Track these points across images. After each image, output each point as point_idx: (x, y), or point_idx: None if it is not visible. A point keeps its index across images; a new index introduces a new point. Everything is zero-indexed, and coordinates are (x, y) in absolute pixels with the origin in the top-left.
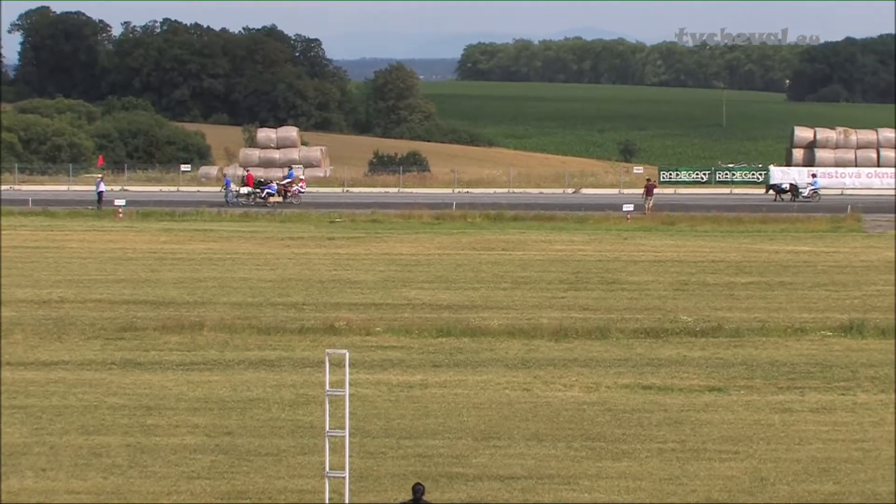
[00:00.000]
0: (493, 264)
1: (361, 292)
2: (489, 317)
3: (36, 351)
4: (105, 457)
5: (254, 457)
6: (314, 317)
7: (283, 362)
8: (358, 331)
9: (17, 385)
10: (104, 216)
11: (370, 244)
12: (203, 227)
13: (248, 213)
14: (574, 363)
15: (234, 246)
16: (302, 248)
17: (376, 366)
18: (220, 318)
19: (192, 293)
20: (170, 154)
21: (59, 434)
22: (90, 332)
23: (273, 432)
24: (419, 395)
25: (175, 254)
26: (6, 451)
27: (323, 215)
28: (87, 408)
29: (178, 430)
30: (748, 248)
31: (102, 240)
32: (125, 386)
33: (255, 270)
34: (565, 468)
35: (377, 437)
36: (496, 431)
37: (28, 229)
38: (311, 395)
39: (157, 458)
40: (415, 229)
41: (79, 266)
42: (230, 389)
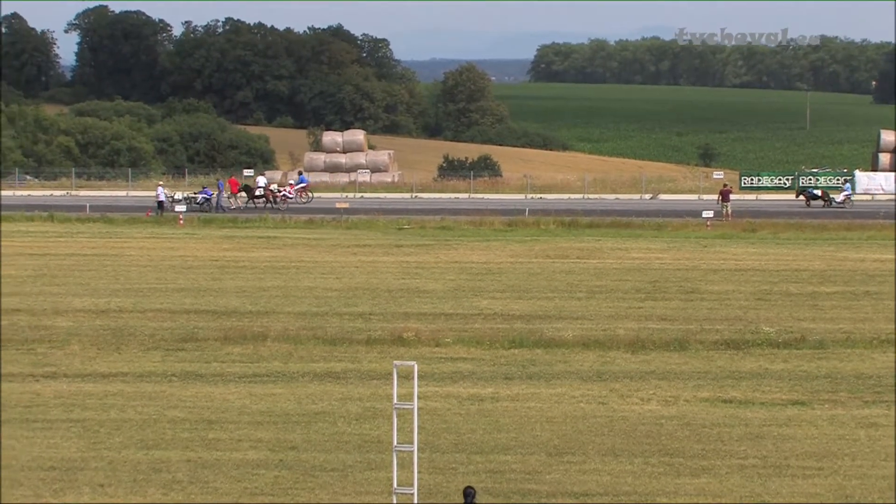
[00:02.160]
0: (568, 273)
1: (431, 302)
2: (563, 327)
3: (94, 362)
4: (165, 472)
5: (319, 472)
6: (381, 327)
7: (350, 374)
8: (427, 342)
9: (75, 398)
10: (164, 223)
11: (440, 252)
12: (267, 234)
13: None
14: (651, 376)
15: (299, 254)
16: (369, 256)
17: (446, 378)
18: (284, 329)
19: (255, 303)
20: (232, 158)
21: (118, 448)
22: (150, 343)
23: (339, 447)
24: (490, 408)
25: (237, 262)
26: (64, 466)
27: (391, 222)
28: (147, 421)
29: (240, 444)
30: (832, 256)
31: (162, 247)
32: (186, 399)
33: (320, 279)
34: (642, 485)
35: (447, 453)
36: (570, 446)
37: (85, 236)
38: (378, 409)
39: (219, 473)
40: (486, 236)
41: (138, 274)
42: (294, 402)
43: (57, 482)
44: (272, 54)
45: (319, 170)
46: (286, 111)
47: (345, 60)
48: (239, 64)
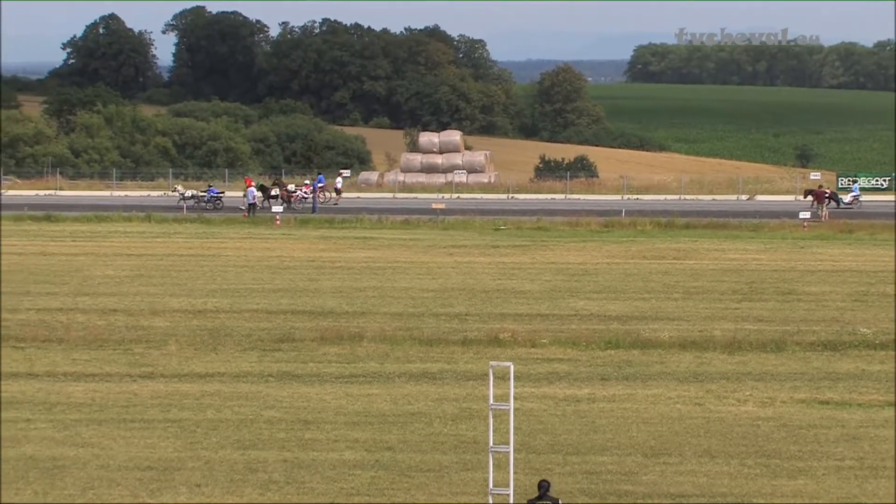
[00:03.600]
0: (664, 274)
1: (527, 302)
2: (659, 328)
3: (191, 362)
4: (261, 472)
5: (415, 473)
6: (478, 328)
7: (446, 375)
8: (523, 342)
9: (172, 398)
10: (261, 223)
11: (536, 252)
12: (363, 234)
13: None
14: (748, 377)
15: (395, 254)
16: (465, 257)
17: (542, 379)
18: (380, 329)
19: (352, 303)
20: (329, 159)
21: (214, 448)
22: (246, 344)
23: (435, 447)
24: (587, 409)
25: (334, 262)
26: (161, 466)
27: (487, 222)
28: (243, 421)
29: (336, 444)
30: None
31: (259, 248)
32: (282, 399)
33: (416, 279)
34: (738, 486)
35: (543, 453)
36: (667, 448)
37: (183, 237)
38: (474, 409)
39: (315, 473)
40: (582, 237)
41: (235, 275)
42: (391, 403)
43: (154, 482)
44: (369, 55)
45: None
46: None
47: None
48: (336, 65)
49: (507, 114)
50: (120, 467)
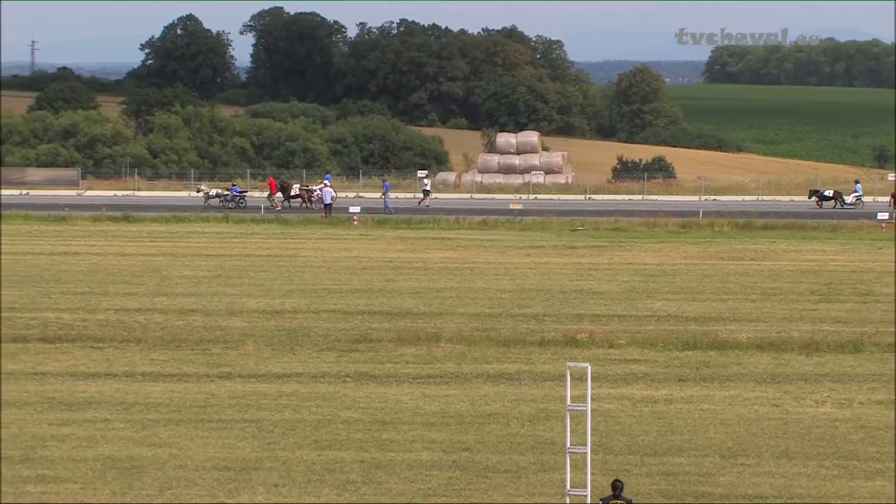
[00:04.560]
0: (742, 275)
1: (604, 303)
2: (737, 329)
3: (268, 363)
4: (339, 472)
5: (492, 474)
6: (555, 328)
7: (523, 376)
8: (600, 343)
9: (249, 398)
10: (338, 224)
11: (613, 253)
12: (440, 235)
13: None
14: (826, 378)
15: (473, 255)
16: (542, 258)
17: (619, 380)
18: (457, 330)
19: (429, 304)
20: (406, 160)
21: (292, 449)
22: (324, 344)
23: (512, 448)
24: (664, 410)
25: (411, 263)
26: (238, 466)
27: (564, 223)
28: (321, 422)
29: (413, 445)
30: None
31: (336, 248)
32: (359, 399)
33: (493, 280)
34: (816, 487)
35: (620, 454)
36: (744, 449)
37: (260, 237)
38: (551, 410)
39: (393, 474)
40: (660, 238)
41: (312, 275)
42: (468, 404)
43: (231, 482)
44: (446, 56)
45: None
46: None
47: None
48: (413, 65)
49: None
50: (197, 467)
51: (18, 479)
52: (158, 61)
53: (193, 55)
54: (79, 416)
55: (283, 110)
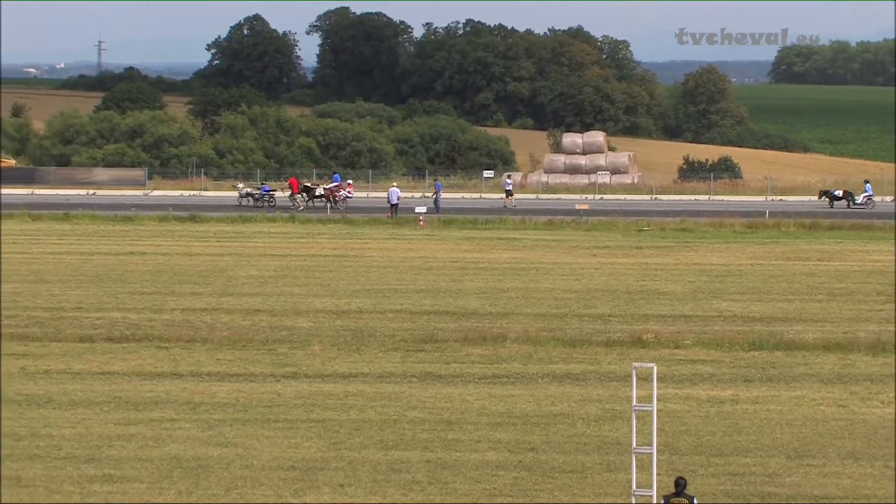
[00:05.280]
0: (808, 275)
1: (670, 304)
2: (803, 330)
3: (334, 363)
4: (405, 472)
5: (558, 474)
6: (621, 329)
7: (589, 376)
8: (666, 344)
9: (315, 398)
10: (404, 224)
11: (679, 254)
12: (506, 235)
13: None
14: (892, 378)
15: (539, 255)
16: (608, 258)
17: (685, 380)
18: (523, 330)
19: (495, 304)
20: (472, 160)
21: (358, 449)
22: (389, 344)
23: (578, 448)
24: (730, 410)
25: (477, 263)
26: (304, 466)
27: (630, 224)
28: (387, 422)
29: (479, 445)
30: None
31: (402, 248)
32: (425, 399)
33: (559, 280)
34: (882, 488)
35: (686, 455)
36: (810, 449)
37: (326, 237)
38: (617, 411)
39: (458, 474)
40: (726, 238)
41: (378, 275)
42: (534, 404)
43: (297, 482)
44: (512, 56)
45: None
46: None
47: (585, 62)
48: (479, 65)
49: (651, 115)
50: (263, 467)
51: (85, 479)
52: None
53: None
54: (145, 416)
55: (349, 110)
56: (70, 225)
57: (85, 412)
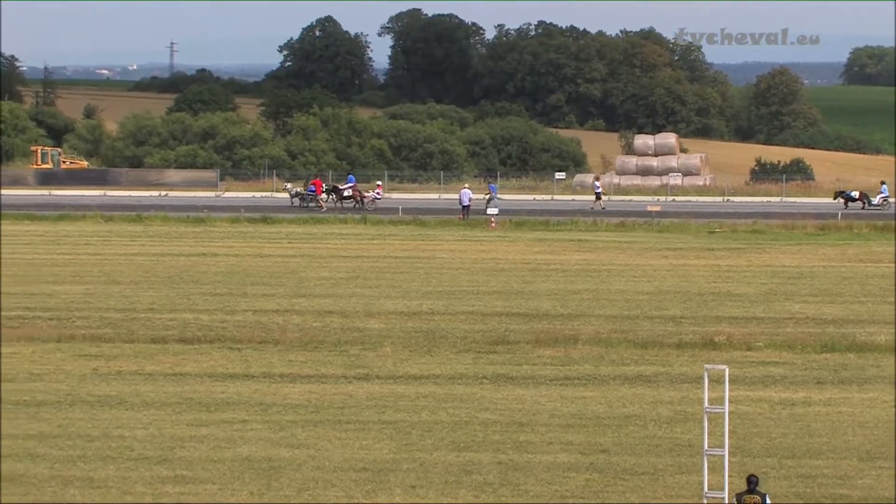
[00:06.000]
0: (881, 277)
1: (742, 305)
2: (875, 332)
3: (405, 364)
4: (476, 474)
5: (629, 476)
6: (692, 331)
7: (661, 378)
8: (738, 346)
9: (387, 399)
10: (476, 225)
11: (751, 255)
12: (578, 237)
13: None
14: None
15: (610, 257)
16: (680, 260)
17: (757, 382)
18: (595, 332)
19: (566, 305)
20: (544, 161)
21: (429, 450)
22: (461, 346)
23: (650, 450)
24: (802, 412)
25: (549, 265)
26: (376, 468)
27: (702, 225)
28: (458, 423)
29: (551, 447)
30: None
31: (474, 250)
32: (497, 401)
33: (631, 282)
34: None
35: (758, 457)
36: (883, 452)
37: (398, 239)
38: (689, 413)
39: (530, 475)
40: (798, 240)
41: (449, 277)
42: (605, 405)
43: (368, 483)
44: (584, 57)
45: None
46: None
47: (657, 63)
48: (551, 67)
49: (723, 116)
50: (335, 468)
51: (157, 480)
52: (297, 63)
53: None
54: (217, 417)
55: (420, 112)
56: (142, 226)
57: (157, 413)
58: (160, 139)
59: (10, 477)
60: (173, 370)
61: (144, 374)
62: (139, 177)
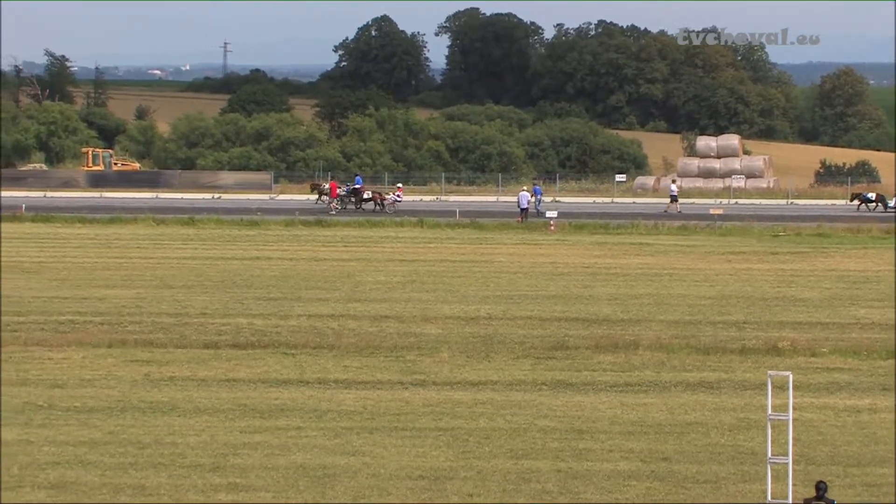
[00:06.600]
0: None
1: (806, 310)
2: None
3: (463, 370)
4: (535, 482)
5: (691, 484)
6: (756, 336)
7: (723, 384)
8: (802, 351)
9: (444, 406)
10: (534, 229)
11: (816, 259)
12: (638, 240)
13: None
14: None
15: (672, 261)
16: (743, 264)
17: (822, 389)
18: (656, 337)
19: (627, 310)
20: (604, 163)
21: (487, 458)
22: (519, 351)
23: (712, 458)
24: (867, 420)
25: (609, 269)
26: (432, 475)
27: (766, 229)
28: (516, 430)
29: (611, 454)
30: None
31: (532, 253)
32: (556, 408)
33: (693, 286)
34: None
35: (822, 465)
36: None
37: (455, 242)
38: (752, 420)
39: (590, 484)
40: (864, 244)
41: (508, 281)
42: (667, 412)
43: (425, 491)
44: (645, 57)
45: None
46: (659, 115)
47: (719, 63)
48: (611, 67)
49: (787, 117)
50: (391, 476)
51: (210, 488)
52: (352, 63)
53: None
54: (271, 424)
55: (478, 113)
56: (195, 229)
57: (210, 420)
58: (213, 140)
59: (60, 484)
60: (226, 376)
61: (197, 380)
62: (192, 179)
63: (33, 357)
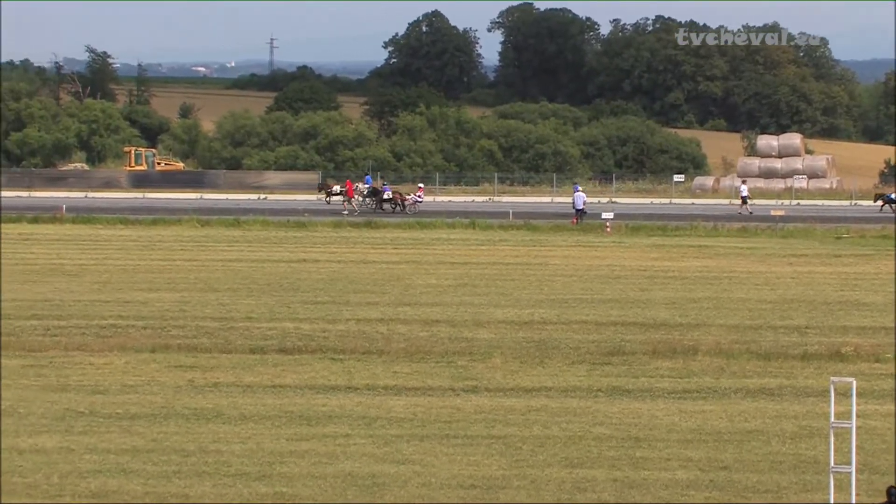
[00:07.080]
0: None
1: (871, 315)
2: None
3: (516, 376)
4: (590, 492)
5: (751, 494)
6: (818, 341)
7: (784, 391)
8: (866, 357)
9: (496, 413)
10: (590, 230)
11: (881, 262)
12: (697, 242)
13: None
14: None
15: (732, 263)
16: (805, 267)
17: (886, 395)
18: (715, 342)
19: (686, 315)
20: (662, 163)
21: (541, 467)
22: (574, 357)
23: (773, 467)
24: None
25: (667, 272)
26: (485, 485)
27: (828, 231)
28: (571, 438)
29: (669, 463)
30: None
31: (588, 256)
32: (612, 415)
33: (753, 290)
34: None
35: (887, 474)
36: None
37: (508, 244)
38: (814, 427)
39: (647, 493)
40: None
41: (562, 284)
42: (726, 420)
43: (477, 501)
44: (704, 54)
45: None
46: (719, 114)
47: (781, 60)
48: (669, 64)
49: (850, 116)
50: (442, 485)
51: (255, 497)
52: (402, 60)
53: (439, 53)
54: (318, 431)
55: (532, 111)
56: (240, 231)
57: (255, 427)
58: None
59: (102, 493)
60: (272, 382)
61: (242, 386)
62: (237, 179)
63: (74, 362)
